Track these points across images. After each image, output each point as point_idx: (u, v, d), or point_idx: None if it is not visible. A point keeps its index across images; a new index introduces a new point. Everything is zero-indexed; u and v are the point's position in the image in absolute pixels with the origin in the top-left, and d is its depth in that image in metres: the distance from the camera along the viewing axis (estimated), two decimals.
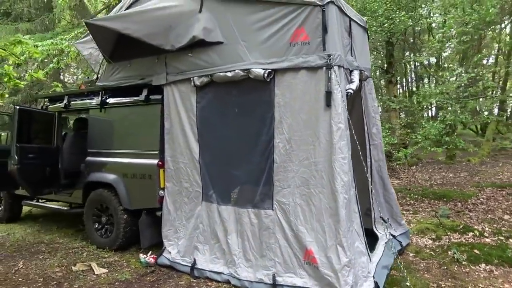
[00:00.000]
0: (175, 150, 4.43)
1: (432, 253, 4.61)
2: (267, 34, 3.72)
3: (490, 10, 6.09)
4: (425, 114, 17.23)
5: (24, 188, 5.28)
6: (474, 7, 6.47)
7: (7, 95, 4.93)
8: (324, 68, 3.44)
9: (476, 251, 4.50)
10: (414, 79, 21.07)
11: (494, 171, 10.28)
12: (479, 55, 8.75)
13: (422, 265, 4.33)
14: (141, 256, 4.50)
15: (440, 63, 15.07)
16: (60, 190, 5.67)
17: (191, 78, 4.18)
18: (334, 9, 3.54)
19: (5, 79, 4.82)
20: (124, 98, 4.93)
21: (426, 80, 19.27)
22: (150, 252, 4.57)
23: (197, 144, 4.25)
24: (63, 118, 6.38)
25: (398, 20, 7.04)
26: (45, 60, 8.02)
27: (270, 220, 3.74)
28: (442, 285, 3.78)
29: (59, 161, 5.67)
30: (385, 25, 7.23)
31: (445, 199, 7.17)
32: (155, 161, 4.53)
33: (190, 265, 4.12)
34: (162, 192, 4.52)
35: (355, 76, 3.92)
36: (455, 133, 9.48)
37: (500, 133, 18.24)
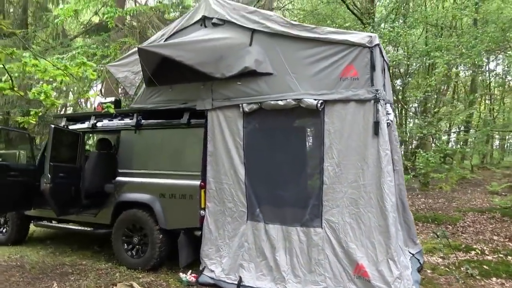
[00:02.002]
0: (218, 171, 4.66)
1: (447, 269, 5.10)
2: (318, 69, 4.16)
3: (479, 57, 7.06)
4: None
5: (51, 207, 5.20)
6: (466, 52, 7.47)
7: (40, 113, 4.93)
8: (372, 101, 3.92)
9: (485, 266, 5.05)
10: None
11: (466, 197, 11.21)
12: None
13: (441, 280, 4.78)
14: (182, 275, 4.59)
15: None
16: (81, 210, 5.63)
17: (240, 105, 4.49)
18: (378, 50, 4.07)
19: (42, 97, 4.86)
20: (163, 121, 5.12)
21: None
22: (190, 271, 4.67)
23: (242, 166, 4.51)
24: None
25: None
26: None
27: (319, 237, 4.05)
28: None
29: (81, 181, 5.66)
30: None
31: (436, 222, 7.80)
32: (197, 182, 4.72)
33: (236, 282, 4.30)
34: (203, 212, 4.70)
35: (389, 108, 4.44)
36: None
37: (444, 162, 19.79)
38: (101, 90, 21.86)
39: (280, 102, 4.27)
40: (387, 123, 4.13)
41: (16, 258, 5.61)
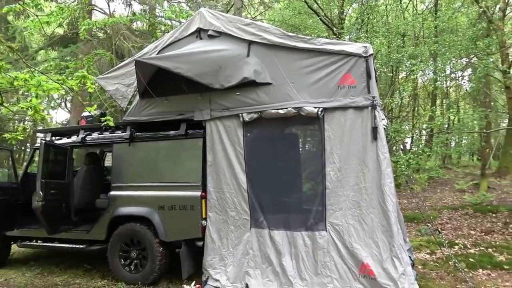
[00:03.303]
0: (219, 181, 4.70)
1: (436, 264, 5.40)
2: (316, 78, 4.34)
3: (451, 63, 7.64)
4: None
5: (43, 226, 4.99)
6: (440, 60, 8.02)
7: (31, 130, 4.76)
8: (370, 107, 4.14)
9: (470, 259, 5.40)
10: None
11: (437, 197, 11.85)
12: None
13: (433, 275, 5.06)
14: (186, 287, 4.57)
15: None
16: (71, 228, 5.44)
17: (240, 114, 4.57)
18: (372, 59, 4.31)
19: (30, 113, 4.71)
20: (159, 132, 5.09)
21: None
22: (194, 282, 4.65)
23: (244, 174, 4.58)
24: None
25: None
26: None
27: (324, 240, 4.19)
28: None
29: (71, 197, 5.49)
30: None
31: (415, 221, 8.21)
32: (198, 192, 4.73)
33: None
34: (205, 222, 4.71)
35: (382, 114, 4.68)
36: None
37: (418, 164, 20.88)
38: (65, 104, 21.15)
39: (281, 111, 4.39)
40: (384, 127, 4.37)
41: (1, 282, 5.31)
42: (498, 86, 13.91)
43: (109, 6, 10.42)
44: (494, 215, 8.25)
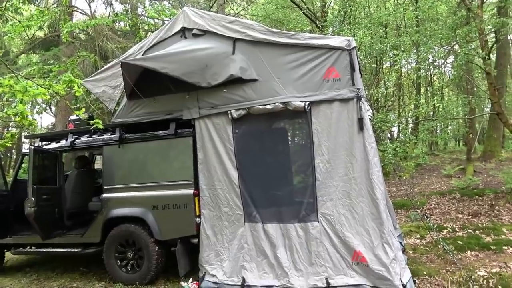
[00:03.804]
0: (211, 178, 4.75)
1: (426, 248, 5.56)
2: (301, 72, 4.41)
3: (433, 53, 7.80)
4: None
5: (36, 232, 4.99)
6: (422, 49, 8.19)
7: (16, 136, 4.75)
8: (355, 99, 4.23)
9: (459, 242, 5.57)
10: None
11: (425, 183, 12.10)
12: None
13: (423, 258, 5.22)
14: (184, 284, 4.62)
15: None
16: (64, 232, 5.44)
17: (228, 112, 4.63)
18: (355, 52, 4.40)
19: (17, 119, 4.70)
20: (148, 133, 5.12)
21: None
22: (191, 279, 4.71)
23: (235, 170, 4.64)
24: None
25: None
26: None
27: (317, 231, 4.28)
28: (450, 270, 4.68)
29: (63, 201, 5.49)
30: None
31: (405, 208, 8.40)
32: (191, 191, 4.78)
33: (240, 283, 4.41)
34: (199, 219, 4.77)
35: (367, 105, 4.78)
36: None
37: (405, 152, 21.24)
38: (50, 108, 20.86)
39: (268, 106, 4.46)
40: (369, 118, 4.47)
41: None
42: (479, 73, 14.20)
43: (90, 7, 10.24)
44: (480, 198, 8.49)
